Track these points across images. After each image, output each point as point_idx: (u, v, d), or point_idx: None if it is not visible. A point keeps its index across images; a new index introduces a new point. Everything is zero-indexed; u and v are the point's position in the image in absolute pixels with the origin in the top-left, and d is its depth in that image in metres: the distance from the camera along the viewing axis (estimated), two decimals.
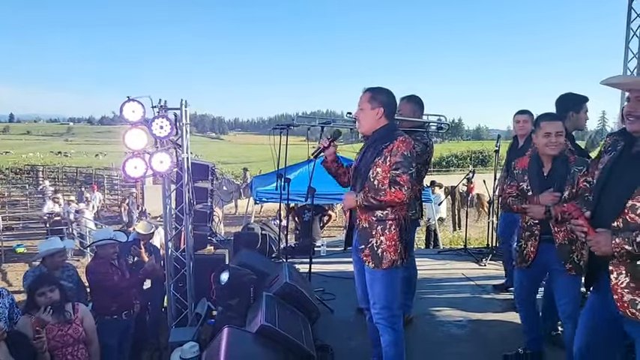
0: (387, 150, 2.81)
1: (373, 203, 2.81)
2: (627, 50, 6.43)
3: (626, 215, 2.09)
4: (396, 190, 2.75)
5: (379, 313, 2.95)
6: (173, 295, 5.06)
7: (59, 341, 3.68)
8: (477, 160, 43.11)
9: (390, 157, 2.79)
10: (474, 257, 6.65)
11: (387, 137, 2.86)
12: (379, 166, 2.82)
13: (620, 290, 2.12)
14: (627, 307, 2.10)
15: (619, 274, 2.12)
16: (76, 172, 33.42)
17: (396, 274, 2.96)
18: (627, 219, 2.08)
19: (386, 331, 2.97)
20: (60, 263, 4.62)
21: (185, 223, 5.02)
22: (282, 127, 5.11)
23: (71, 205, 15.15)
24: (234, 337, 2.93)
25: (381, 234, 2.86)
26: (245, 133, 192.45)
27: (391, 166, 2.79)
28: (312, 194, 4.52)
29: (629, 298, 2.09)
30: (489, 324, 4.33)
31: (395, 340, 2.97)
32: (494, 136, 8.00)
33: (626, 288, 2.11)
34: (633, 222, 2.07)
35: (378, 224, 2.87)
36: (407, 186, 2.76)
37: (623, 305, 2.11)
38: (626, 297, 2.10)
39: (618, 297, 2.13)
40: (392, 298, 2.95)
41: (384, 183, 2.80)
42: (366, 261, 2.91)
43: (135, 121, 4.55)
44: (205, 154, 48.89)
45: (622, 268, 2.11)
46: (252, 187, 9.67)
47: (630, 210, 2.08)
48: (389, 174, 2.79)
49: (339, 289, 5.29)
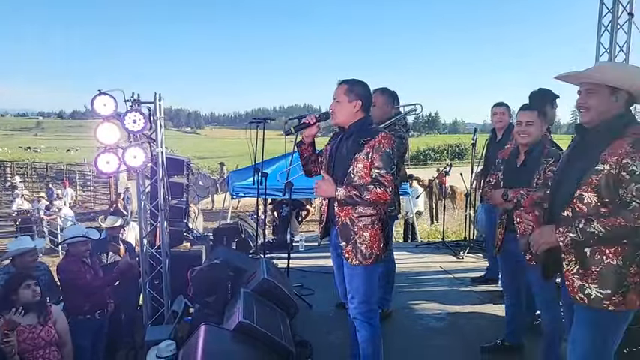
0: (368, 146, 2.76)
1: (357, 202, 2.75)
2: (599, 45, 6.53)
3: (575, 205, 2.17)
4: (382, 190, 2.71)
5: (357, 308, 2.92)
6: (149, 293, 4.97)
7: (30, 344, 3.54)
8: (453, 154, 43.72)
9: (373, 153, 2.75)
10: (452, 250, 6.71)
11: (367, 132, 2.82)
12: (360, 162, 2.77)
13: (571, 276, 2.22)
14: (577, 292, 2.20)
15: (570, 261, 2.22)
16: (46, 167, 32.60)
17: (377, 268, 2.94)
18: (575, 209, 2.17)
19: (363, 327, 2.95)
20: (30, 263, 4.46)
21: (160, 219, 4.93)
22: (258, 121, 5.04)
23: (41, 202, 14.78)
24: (211, 335, 2.88)
25: (364, 230, 2.82)
26: (221, 128, 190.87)
27: (373, 163, 2.75)
28: (289, 189, 4.48)
29: (579, 283, 2.19)
30: (467, 316, 4.37)
31: (372, 335, 2.95)
32: (471, 129, 8.09)
33: (575, 274, 2.20)
34: (581, 211, 2.15)
35: (359, 220, 2.82)
36: (391, 186, 2.75)
37: (573, 290, 2.21)
38: (576, 282, 2.20)
39: (569, 283, 2.23)
40: (370, 292, 2.92)
41: (366, 180, 2.76)
42: (349, 258, 2.85)
43: (107, 115, 4.44)
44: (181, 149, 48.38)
45: (572, 256, 2.21)
46: (228, 182, 9.57)
47: (577, 200, 2.16)
48: (371, 171, 2.76)
49: (317, 283, 5.28)
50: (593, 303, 2.14)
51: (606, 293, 2.11)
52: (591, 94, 2.18)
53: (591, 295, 2.14)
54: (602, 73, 2.18)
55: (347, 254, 2.85)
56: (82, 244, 4.62)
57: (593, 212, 2.11)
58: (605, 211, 2.09)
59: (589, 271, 2.15)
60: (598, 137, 2.16)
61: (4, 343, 3.22)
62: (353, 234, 2.83)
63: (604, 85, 2.14)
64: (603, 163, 2.08)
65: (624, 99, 2.15)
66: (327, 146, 3.06)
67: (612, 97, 2.14)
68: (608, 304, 2.11)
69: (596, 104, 2.17)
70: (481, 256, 6.34)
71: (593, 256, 2.14)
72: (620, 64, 2.27)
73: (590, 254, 2.14)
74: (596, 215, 2.08)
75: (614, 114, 2.15)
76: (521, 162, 3.16)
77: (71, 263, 4.60)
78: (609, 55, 6.43)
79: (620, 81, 2.14)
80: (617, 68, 2.28)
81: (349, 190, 2.74)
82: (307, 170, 3.19)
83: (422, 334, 4.06)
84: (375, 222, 2.83)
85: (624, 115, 2.16)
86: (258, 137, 5.00)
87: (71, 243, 4.63)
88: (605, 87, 2.14)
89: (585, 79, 2.20)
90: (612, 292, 2.10)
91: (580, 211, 2.15)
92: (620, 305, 2.11)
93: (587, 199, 2.12)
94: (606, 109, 2.15)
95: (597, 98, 2.16)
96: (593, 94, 2.18)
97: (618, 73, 2.19)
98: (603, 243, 2.09)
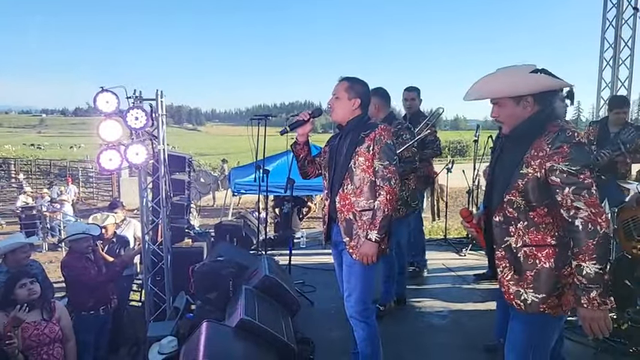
0: (368, 138, 2.77)
1: (383, 217, 2.73)
2: (603, 40, 6.50)
3: (505, 210, 2.14)
4: (388, 188, 2.72)
5: (353, 307, 2.90)
6: (151, 289, 4.98)
7: (34, 340, 3.55)
8: (455, 151, 43.59)
9: (374, 145, 2.76)
10: (454, 248, 6.70)
11: (366, 126, 2.84)
12: (362, 155, 2.78)
13: (507, 283, 2.17)
14: (513, 298, 2.15)
15: (504, 267, 2.18)
16: (49, 164, 32.67)
17: (376, 266, 2.92)
18: (507, 213, 2.14)
19: (359, 326, 2.93)
20: (23, 260, 4.39)
21: (162, 216, 4.94)
22: (259, 118, 5.03)
23: (45, 197, 14.81)
24: (213, 332, 2.88)
25: (367, 224, 2.79)
26: (222, 124, 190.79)
27: (375, 155, 2.75)
28: (291, 185, 4.48)
29: (515, 289, 2.14)
30: (470, 314, 4.36)
31: (369, 335, 2.93)
32: (473, 126, 8.08)
33: (511, 280, 2.15)
34: (511, 215, 2.12)
35: (362, 214, 2.81)
36: (395, 178, 2.75)
37: (510, 297, 2.16)
38: (512, 289, 2.15)
39: (505, 290, 2.18)
40: (367, 291, 2.90)
41: (368, 173, 2.77)
42: (352, 252, 2.82)
43: (109, 112, 4.45)
44: (182, 146, 48.36)
45: (505, 262, 2.17)
46: (230, 178, 9.57)
47: (508, 204, 2.13)
48: (373, 163, 2.76)
49: (319, 280, 5.28)
50: (529, 308, 2.10)
51: (542, 297, 2.06)
52: (499, 107, 2.15)
53: (527, 301, 2.10)
54: (490, 88, 2.14)
55: (350, 249, 2.83)
56: (84, 240, 4.62)
57: (522, 217, 2.09)
58: (532, 215, 2.06)
59: (524, 276, 2.10)
60: (518, 141, 2.12)
61: (7, 345, 3.21)
62: (356, 228, 2.82)
63: (502, 96, 2.11)
64: (527, 167, 2.04)
65: (533, 100, 2.07)
66: (326, 147, 3.05)
67: (518, 106, 2.09)
68: (545, 307, 2.07)
69: (507, 115, 2.13)
70: (483, 253, 6.32)
71: (526, 260, 2.09)
72: (509, 71, 2.19)
73: (523, 259, 2.10)
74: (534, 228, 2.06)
75: (527, 117, 2.09)
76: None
77: (75, 260, 4.60)
78: (614, 50, 6.41)
79: (512, 89, 2.08)
80: (499, 79, 2.15)
81: (375, 225, 2.73)
82: (304, 172, 3.17)
83: (424, 332, 4.05)
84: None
85: (538, 115, 2.08)
86: (260, 134, 4.99)
87: (73, 240, 4.63)
88: (505, 98, 2.10)
89: (488, 94, 2.16)
90: (547, 295, 2.05)
91: (511, 215, 2.12)
92: (557, 308, 2.07)
93: (517, 203, 2.09)
94: (519, 116, 2.10)
95: (505, 109, 2.13)
96: (500, 107, 2.14)
97: (505, 83, 2.11)
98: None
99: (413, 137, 4.05)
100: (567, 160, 1.94)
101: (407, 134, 4.00)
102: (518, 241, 2.12)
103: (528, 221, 2.09)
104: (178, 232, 5.42)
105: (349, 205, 2.83)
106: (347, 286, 2.92)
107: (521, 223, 2.11)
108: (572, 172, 1.93)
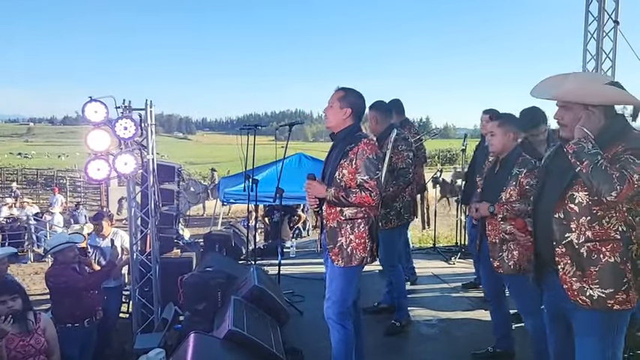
0: (352, 152, 2.86)
1: (342, 202, 2.84)
2: (585, 52, 6.59)
3: (566, 205, 2.15)
4: (366, 194, 2.81)
5: (330, 308, 2.97)
6: (138, 301, 4.94)
7: (20, 352, 3.51)
8: (444, 159, 43.76)
9: (356, 159, 2.84)
10: (443, 256, 6.72)
11: (352, 139, 2.92)
12: (345, 168, 2.87)
13: (569, 280, 2.16)
14: (577, 295, 2.14)
15: (565, 264, 2.17)
16: (36, 174, 32.35)
17: (359, 271, 3.01)
18: (567, 209, 2.14)
19: (335, 328, 2.99)
20: (2, 272, 4.36)
21: (151, 226, 4.91)
22: (249, 128, 5.04)
23: (27, 208, 14.60)
24: (201, 343, 2.86)
25: (350, 232, 2.89)
26: (213, 133, 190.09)
27: (357, 169, 2.83)
28: (280, 195, 4.47)
29: (578, 286, 2.13)
30: (458, 322, 4.37)
31: (344, 338, 2.98)
32: (462, 134, 8.13)
33: (573, 277, 2.14)
34: (572, 211, 2.13)
35: (346, 223, 2.90)
36: (375, 191, 2.83)
37: (573, 294, 2.15)
38: (575, 285, 2.14)
39: (568, 287, 2.17)
40: (347, 295, 2.97)
41: (352, 185, 2.85)
42: (335, 260, 2.91)
43: (98, 121, 4.44)
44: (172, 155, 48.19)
45: (567, 259, 2.16)
46: (219, 188, 9.54)
47: (569, 200, 2.14)
48: (355, 176, 2.84)
49: (308, 290, 5.26)
50: (597, 304, 2.08)
51: (609, 292, 2.05)
52: (566, 110, 2.16)
53: (594, 297, 2.08)
54: (565, 90, 2.14)
55: (333, 256, 2.92)
56: (69, 250, 4.56)
57: (586, 212, 2.09)
58: (596, 210, 2.06)
59: (588, 271, 2.09)
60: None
61: None
62: (340, 236, 2.90)
63: (575, 102, 2.12)
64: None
65: (599, 111, 2.10)
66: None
67: (584, 113, 2.10)
68: (613, 303, 2.05)
69: (571, 119, 2.15)
70: (472, 261, 6.35)
71: (590, 256, 2.09)
72: (585, 78, 2.23)
73: (586, 254, 2.09)
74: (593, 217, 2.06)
75: (596, 128, 2.09)
76: (497, 170, 3.24)
77: (61, 270, 4.54)
78: (596, 62, 6.50)
79: (588, 97, 2.09)
80: (575, 83, 2.16)
81: (338, 192, 2.84)
82: None
83: (413, 340, 4.05)
84: (361, 225, 2.90)
85: (607, 129, 2.09)
86: (249, 143, 5.00)
87: (58, 251, 4.57)
88: (576, 103, 2.12)
89: (550, 97, 2.19)
90: (615, 290, 2.05)
91: (572, 211, 2.12)
92: (626, 303, 2.06)
93: (579, 198, 2.10)
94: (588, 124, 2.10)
95: (571, 114, 2.15)
96: (567, 111, 2.16)
97: (580, 89, 2.13)
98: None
99: (409, 147, 4.05)
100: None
101: (402, 145, 4.00)
102: (581, 236, 2.11)
103: (592, 216, 2.09)
104: (167, 243, 5.39)
105: (334, 214, 2.92)
106: (328, 289, 3.01)
107: (584, 218, 2.10)
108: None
